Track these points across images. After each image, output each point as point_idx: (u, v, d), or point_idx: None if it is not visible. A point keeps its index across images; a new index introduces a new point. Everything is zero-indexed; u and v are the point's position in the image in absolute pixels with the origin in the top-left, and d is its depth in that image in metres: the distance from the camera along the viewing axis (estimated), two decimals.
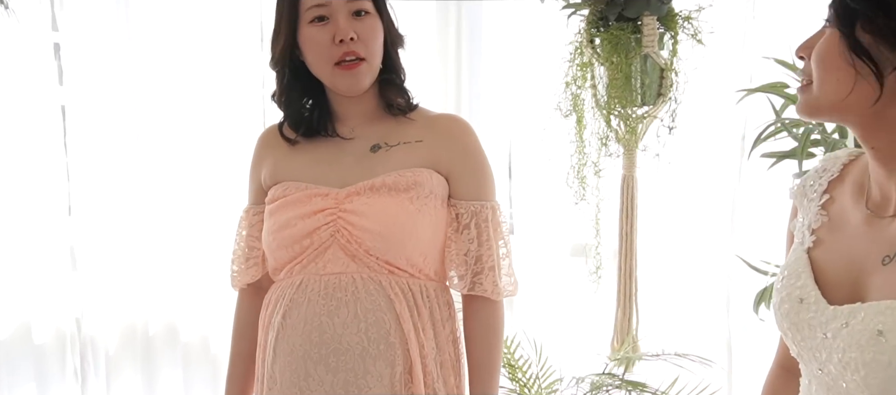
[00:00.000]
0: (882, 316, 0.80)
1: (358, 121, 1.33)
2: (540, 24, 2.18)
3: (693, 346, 2.05)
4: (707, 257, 2.23)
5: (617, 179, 2.01)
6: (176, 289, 2.44)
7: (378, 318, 1.24)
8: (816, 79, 0.83)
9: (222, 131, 2.38)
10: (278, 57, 1.30)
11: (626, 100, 1.90)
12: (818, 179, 0.96)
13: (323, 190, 1.28)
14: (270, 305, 1.33)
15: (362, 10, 1.26)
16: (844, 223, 0.91)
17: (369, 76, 1.28)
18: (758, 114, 2.00)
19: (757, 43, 2.11)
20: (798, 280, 0.91)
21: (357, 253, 1.25)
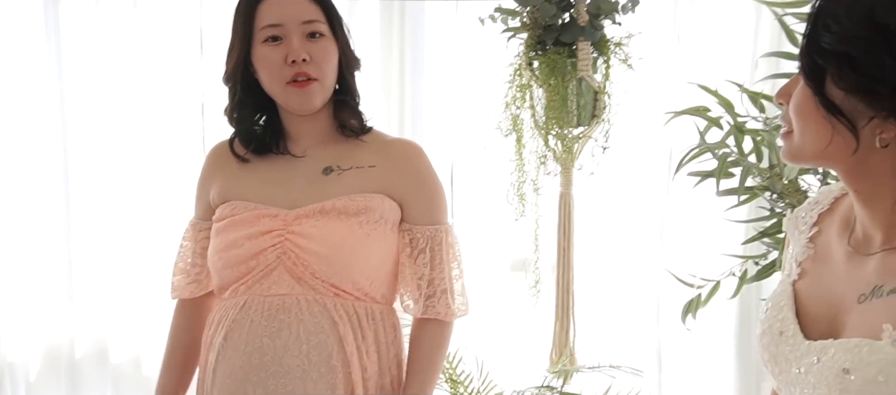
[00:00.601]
0: (849, 354, 0.79)
1: (310, 141, 1.32)
2: (481, 46, 2.26)
3: (626, 356, 2.14)
4: (638, 270, 2.34)
5: (555, 197, 2.09)
6: (105, 306, 2.37)
7: (320, 340, 1.23)
8: (796, 129, 0.83)
9: (155, 143, 2.35)
10: (231, 73, 1.30)
11: (563, 121, 1.98)
12: (810, 211, 0.96)
13: (271, 211, 1.27)
14: (213, 325, 1.32)
15: (317, 31, 1.26)
16: (828, 258, 0.91)
17: (321, 96, 1.28)
18: (683, 135, 2.13)
19: (682, 69, 2.25)
20: (780, 313, 0.91)
21: (303, 276, 1.25)
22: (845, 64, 0.77)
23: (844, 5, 0.78)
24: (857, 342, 0.79)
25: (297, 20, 1.25)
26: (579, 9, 1.92)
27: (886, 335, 0.77)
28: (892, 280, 0.80)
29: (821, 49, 0.79)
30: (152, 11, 2.31)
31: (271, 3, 1.26)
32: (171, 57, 2.33)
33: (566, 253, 2.09)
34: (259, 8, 1.26)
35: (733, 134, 1.79)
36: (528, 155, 2.08)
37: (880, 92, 0.76)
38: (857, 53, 0.76)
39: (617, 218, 2.31)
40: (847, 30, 0.77)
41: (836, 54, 0.78)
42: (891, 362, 0.76)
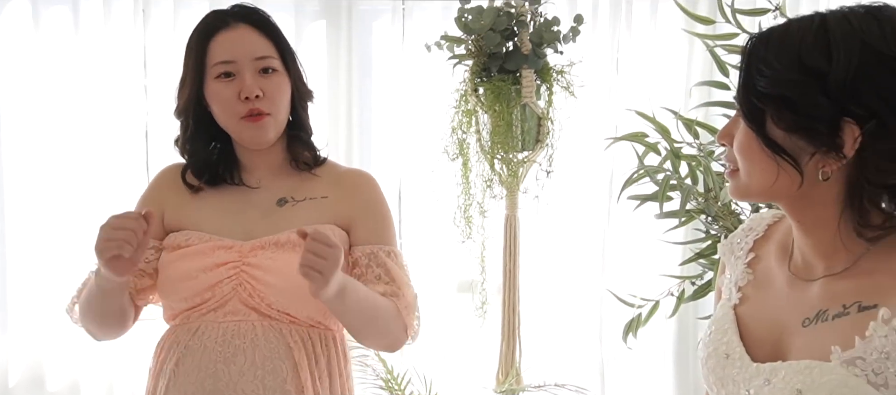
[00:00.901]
0: (801, 376, 0.82)
1: (264, 173, 1.33)
2: (427, 72, 2.30)
3: (570, 375, 2.19)
4: (581, 291, 2.40)
5: (500, 219, 2.14)
6: (40, 332, 2.29)
7: (275, 366, 1.23)
8: (742, 168, 0.86)
9: (97, 168, 2.30)
10: (183, 107, 1.30)
11: (508, 145, 2.03)
12: (744, 237, 0.99)
13: (226, 242, 1.27)
14: (163, 351, 1.30)
15: (270, 67, 1.26)
16: (769, 283, 0.93)
17: (274, 130, 1.28)
18: (623, 160, 2.21)
19: (621, 96, 2.34)
20: (724, 336, 0.93)
21: (258, 306, 1.25)
22: (783, 106, 0.80)
23: (773, 51, 0.81)
24: (807, 364, 0.82)
25: (250, 56, 1.25)
26: (523, 38, 1.98)
27: (835, 357, 0.81)
28: (835, 305, 0.83)
29: (758, 93, 0.82)
30: (94, 32, 2.27)
31: (223, 39, 1.26)
32: (114, 79, 2.28)
33: (512, 274, 2.14)
34: (211, 44, 1.26)
35: (670, 159, 1.88)
36: (474, 179, 2.12)
37: (819, 129, 0.79)
38: (793, 96, 0.79)
39: (561, 240, 2.37)
40: (780, 74, 0.80)
41: (773, 97, 0.81)
42: (841, 382, 0.79)
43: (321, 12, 2.35)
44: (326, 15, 2.35)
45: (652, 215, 2.01)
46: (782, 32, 0.83)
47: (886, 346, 0.78)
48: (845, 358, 0.80)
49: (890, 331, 0.79)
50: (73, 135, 2.29)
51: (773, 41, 0.82)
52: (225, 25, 1.27)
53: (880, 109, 0.78)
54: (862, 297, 0.82)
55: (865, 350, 0.79)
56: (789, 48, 0.80)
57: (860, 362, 0.79)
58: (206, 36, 1.27)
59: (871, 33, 0.79)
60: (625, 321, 2.09)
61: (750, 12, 1.93)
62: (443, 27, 2.09)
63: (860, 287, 0.83)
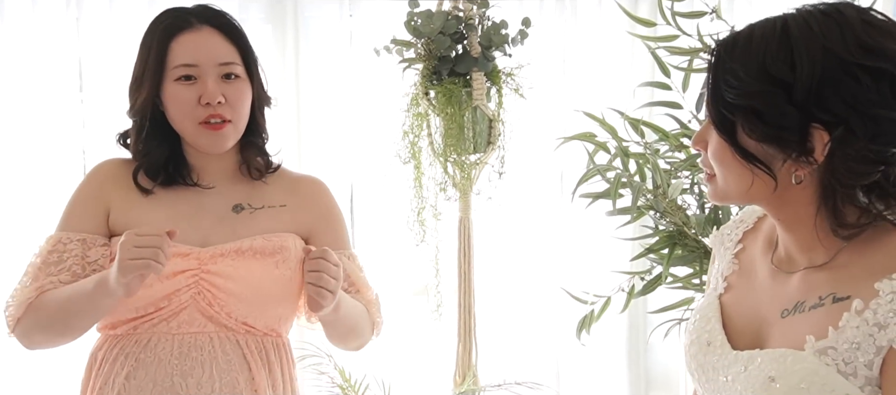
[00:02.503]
0: (775, 363, 0.85)
1: (216, 176, 1.30)
2: (377, 75, 2.29)
3: (527, 372, 2.22)
4: (535, 289, 2.44)
5: (454, 222, 2.15)
6: None
7: (232, 378, 1.22)
8: (718, 174, 0.88)
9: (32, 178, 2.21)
10: (139, 108, 1.25)
11: (460, 148, 2.05)
12: (735, 229, 1.01)
13: (183, 249, 1.23)
14: (105, 363, 1.24)
15: (233, 73, 1.23)
16: (753, 273, 0.96)
17: (233, 138, 1.26)
18: (572, 159, 2.26)
19: (568, 97, 2.39)
20: (708, 324, 0.95)
21: (217, 315, 1.23)
22: (753, 116, 0.81)
23: (739, 61, 0.82)
24: (782, 353, 0.85)
25: (214, 61, 1.22)
26: (472, 41, 2.00)
27: (809, 346, 0.83)
28: (812, 297, 0.86)
29: (727, 104, 0.83)
30: (29, 43, 2.18)
31: (186, 40, 1.22)
32: (51, 91, 2.21)
33: (466, 276, 2.15)
34: (172, 45, 1.22)
35: (619, 156, 1.92)
36: (427, 182, 2.13)
37: (789, 138, 0.81)
38: (761, 107, 0.81)
39: (514, 240, 2.41)
40: (747, 85, 0.81)
41: (743, 108, 0.82)
42: (812, 370, 0.82)
43: (267, 18, 2.32)
44: (272, 20, 2.32)
45: (602, 213, 2.05)
46: (746, 40, 0.83)
47: (857, 337, 0.81)
48: (818, 348, 0.82)
49: (862, 322, 0.81)
50: (8, 150, 2.19)
51: (737, 50, 0.83)
52: (188, 26, 1.22)
53: (847, 115, 0.79)
54: (837, 289, 0.84)
55: (837, 340, 0.82)
56: (754, 58, 0.81)
57: (832, 351, 0.82)
58: (168, 36, 1.22)
59: (832, 39, 0.79)
60: (578, 318, 2.13)
61: (689, 15, 2.00)
62: (390, 29, 2.09)
63: (836, 279, 0.85)
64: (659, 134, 2.03)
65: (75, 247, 1.24)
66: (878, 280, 0.81)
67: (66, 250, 1.24)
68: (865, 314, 0.81)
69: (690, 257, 1.95)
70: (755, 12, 2.24)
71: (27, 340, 1.26)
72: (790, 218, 0.88)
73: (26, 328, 1.24)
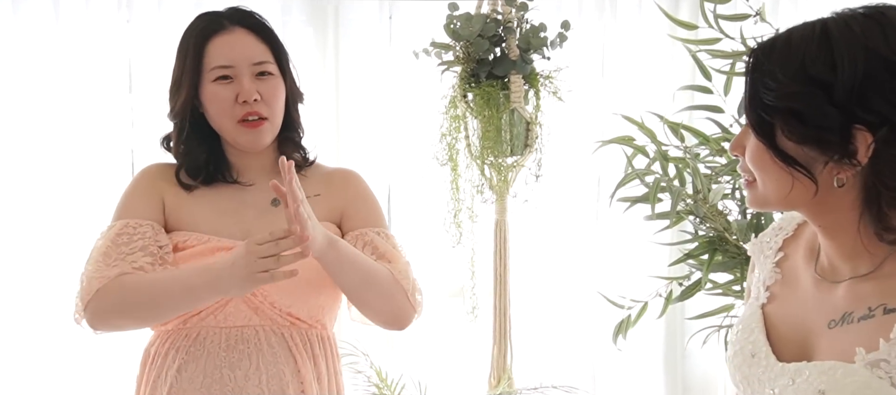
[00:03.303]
0: (825, 376, 0.83)
1: (256, 173, 1.34)
2: (416, 77, 2.31)
3: (562, 376, 2.21)
4: (571, 293, 2.42)
5: (490, 224, 2.16)
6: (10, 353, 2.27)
7: (278, 370, 1.25)
8: (759, 181, 0.87)
9: (81, 179, 2.28)
10: (179, 110, 1.30)
11: (497, 150, 2.05)
12: (774, 236, 0.99)
13: (226, 243, 1.27)
14: (158, 358, 1.29)
15: (266, 71, 1.28)
16: (796, 283, 0.94)
17: (271, 134, 1.30)
18: (610, 163, 2.24)
19: (607, 100, 2.37)
20: (751, 335, 0.94)
21: (261, 306, 1.26)
22: (792, 118, 0.80)
23: (778, 63, 0.81)
24: (832, 365, 0.83)
25: (248, 61, 1.27)
26: (510, 44, 2.01)
27: (859, 359, 0.82)
28: (861, 308, 0.84)
29: (765, 106, 0.82)
30: (81, 44, 2.26)
31: (221, 42, 1.27)
32: (100, 92, 2.27)
33: (502, 278, 2.15)
34: (208, 47, 1.27)
35: (659, 160, 1.91)
36: (463, 184, 2.14)
37: (830, 139, 0.80)
38: (800, 107, 0.79)
39: (550, 243, 2.40)
40: (786, 86, 0.80)
41: (781, 110, 0.81)
42: (864, 383, 0.81)
43: (308, 20, 2.36)
44: (313, 22, 2.36)
45: (640, 218, 2.03)
46: (784, 43, 0.82)
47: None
48: (869, 360, 0.81)
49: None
50: (57, 154, 2.27)
51: (776, 53, 0.83)
52: (221, 28, 1.28)
53: (891, 114, 0.78)
54: (887, 299, 0.83)
55: (889, 353, 0.80)
56: (793, 59, 0.80)
57: (884, 364, 0.80)
58: (203, 39, 1.27)
59: (874, 39, 0.78)
60: (614, 323, 2.12)
61: (732, 18, 1.97)
62: (430, 32, 2.11)
63: (885, 289, 0.84)
64: (699, 138, 2.01)
65: (146, 229, 1.27)
66: None
67: (136, 232, 1.26)
68: None
69: (731, 263, 1.92)
70: (800, 15, 2.20)
71: (101, 322, 1.24)
72: (832, 224, 0.87)
73: (101, 310, 1.23)
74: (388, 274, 1.28)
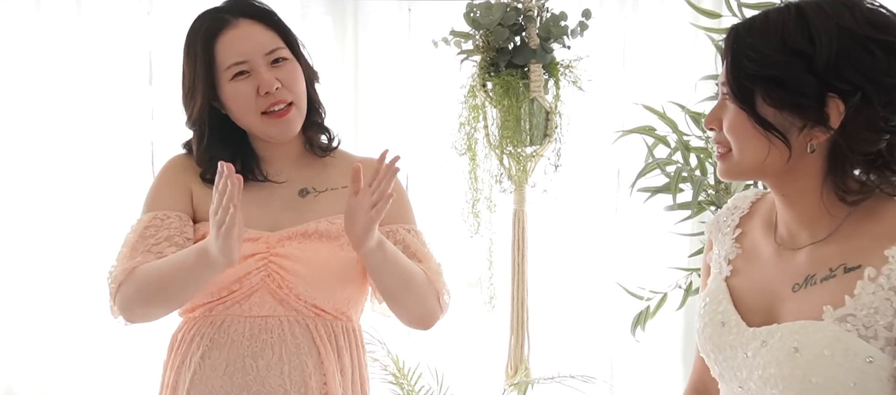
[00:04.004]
0: (797, 335, 0.90)
1: (284, 163, 1.32)
2: (434, 67, 2.31)
3: (579, 368, 2.21)
4: (590, 284, 2.41)
5: (508, 214, 2.15)
6: (46, 343, 2.31)
7: (301, 361, 1.24)
8: (735, 148, 0.93)
9: (102, 170, 2.31)
10: (197, 117, 1.27)
11: (516, 140, 2.04)
12: (730, 215, 1.06)
13: (252, 234, 1.25)
14: (183, 344, 1.29)
15: (280, 57, 1.25)
16: (757, 255, 1.01)
17: (299, 120, 1.27)
18: (630, 153, 2.23)
19: (628, 90, 2.35)
20: (719, 306, 1.00)
21: (286, 297, 1.25)
22: (773, 85, 0.88)
23: (758, 37, 0.89)
24: (802, 324, 0.90)
25: (261, 51, 1.24)
26: (531, 32, 2.00)
27: (827, 315, 0.88)
28: (823, 270, 0.91)
29: (747, 74, 0.89)
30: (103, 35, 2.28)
31: (229, 39, 1.23)
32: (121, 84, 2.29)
33: (520, 269, 2.15)
34: (217, 46, 1.23)
35: (680, 150, 1.89)
36: (482, 174, 2.13)
37: (808, 105, 0.87)
38: (782, 75, 0.87)
39: (569, 234, 2.39)
40: (768, 57, 0.88)
41: (763, 77, 0.88)
42: (835, 337, 0.87)
43: (328, 10, 2.36)
44: (332, 12, 2.36)
45: (659, 208, 2.02)
46: (763, 21, 0.90)
47: (875, 302, 0.87)
48: (837, 316, 0.88)
49: (877, 288, 0.87)
50: (76, 125, 2.29)
51: (755, 29, 0.90)
52: (226, 24, 1.24)
53: (862, 84, 0.86)
54: (846, 259, 0.90)
55: (855, 307, 0.87)
56: (773, 34, 0.88)
57: (851, 318, 0.87)
58: (210, 38, 1.24)
59: (844, 18, 0.87)
60: (633, 314, 2.11)
61: (756, 6, 1.94)
62: (448, 22, 2.10)
63: (844, 251, 0.91)
64: None
65: (173, 220, 1.27)
66: (885, 248, 0.87)
67: (163, 224, 1.27)
68: (879, 280, 0.87)
69: None
70: None
71: (128, 312, 1.26)
72: (797, 191, 0.93)
73: (126, 300, 1.24)
74: (423, 277, 1.28)
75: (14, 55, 2.27)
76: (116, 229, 1.45)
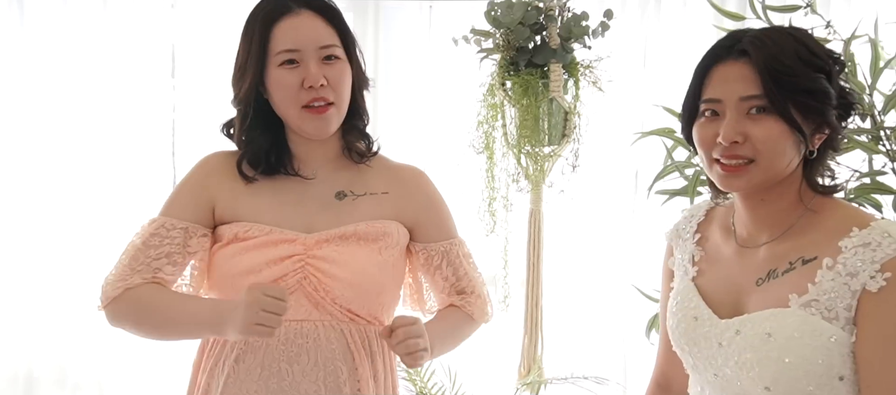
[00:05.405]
0: (768, 321, 1.00)
1: (319, 163, 1.30)
2: (454, 65, 2.31)
3: (593, 369, 2.20)
4: (605, 285, 2.40)
5: (525, 213, 2.15)
6: (66, 329, 2.34)
7: (335, 367, 1.23)
8: (766, 159, 1.00)
9: (123, 161, 2.34)
10: (244, 96, 1.25)
11: (535, 139, 2.04)
12: (688, 223, 1.18)
13: (289, 235, 1.24)
14: (217, 345, 1.27)
15: (333, 55, 1.23)
16: (719, 255, 1.11)
17: (337, 121, 1.25)
18: (649, 155, 2.21)
19: (648, 91, 2.34)
20: (690, 303, 1.09)
21: (322, 301, 1.23)
22: (808, 96, 0.99)
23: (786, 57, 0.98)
24: (772, 312, 1.01)
25: (315, 45, 1.21)
26: (551, 32, 1.99)
27: (793, 302, 0.99)
28: (783, 264, 1.03)
29: (786, 90, 0.98)
30: (127, 28, 2.31)
31: (287, 26, 1.21)
32: (143, 77, 2.32)
33: (535, 268, 2.15)
34: (274, 31, 1.21)
35: None
36: (499, 172, 2.13)
37: (830, 111, 1.00)
38: (815, 87, 0.99)
39: (585, 234, 2.38)
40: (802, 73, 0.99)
41: (802, 90, 0.99)
42: (801, 321, 0.98)
43: (348, 7, 2.37)
44: (354, 8, 2.37)
45: (677, 211, 2.00)
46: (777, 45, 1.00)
47: (834, 287, 0.98)
48: (802, 302, 0.99)
49: (835, 275, 0.98)
50: (99, 116, 2.32)
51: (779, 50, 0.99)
52: (288, 11, 1.21)
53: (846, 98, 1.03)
54: (803, 253, 1.01)
55: (817, 293, 0.99)
56: (796, 55, 0.99)
57: (814, 303, 0.98)
58: (270, 22, 1.22)
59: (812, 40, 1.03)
60: (648, 316, 2.09)
61: (780, 9, 1.92)
62: (469, 21, 2.10)
63: (799, 246, 1.02)
64: None
65: (178, 235, 1.26)
66: (838, 240, 0.99)
67: (168, 235, 1.26)
68: (837, 268, 0.98)
69: None
70: (853, 7, 2.13)
71: (116, 323, 1.28)
72: (777, 193, 1.03)
73: (118, 313, 1.26)
74: (466, 321, 1.37)
75: (40, 48, 2.31)
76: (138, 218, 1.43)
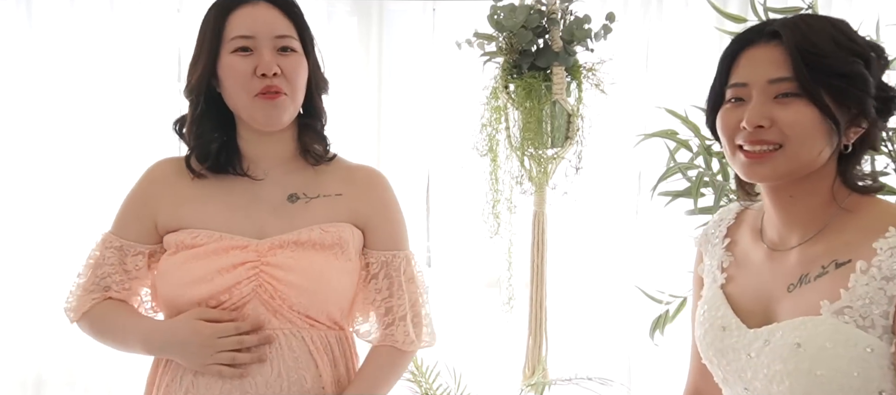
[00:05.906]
0: (798, 331, 0.92)
1: (270, 164, 1.25)
2: (457, 68, 2.32)
3: (597, 370, 2.21)
4: (609, 287, 2.41)
5: (528, 215, 2.16)
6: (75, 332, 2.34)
7: (299, 375, 1.20)
8: (795, 145, 0.93)
9: (130, 165, 2.34)
10: (195, 85, 1.21)
11: (538, 142, 2.05)
12: (718, 227, 1.11)
13: (240, 241, 1.20)
14: (172, 361, 1.23)
15: (289, 47, 1.19)
16: (749, 261, 1.04)
17: (290, 111, 1.20)
18: (652, 157, 2.22)
19: (650, 93, 2.35)
20: (718, 312, 1.03)
21: (280, 308, 1.19)
22: (844, 81, 0.93)
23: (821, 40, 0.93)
24: (801, 320, 0.93)
25: (270, 34, 1.18)
26: (554, 35, 2.00)
27: (825, 310, 0.92)
28: (815, 268, 0.95)
29: (819, 73, 0.92)
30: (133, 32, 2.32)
31: (243, 13, 1.18)
32: (149, 80, 2.33)
33: (539, 270, 2.15)
34: (230, 18, 1.18)
35: (702, 155, 1.88)
36: (503, 175, 2.14)
37: (868, 101, 0.93)
38: (852, 73, 0.92)
39: (589, 236, 2.39)
40: (841, 58, 0.93)
41: (837, 74, 0.92)
42: (834, 330, 0.91)
43: (353, 10, 2.39)
44: (358, 13, 2.39)
45: (680, 212, 2.01)
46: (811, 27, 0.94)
47: (869, 292, 0.90)
48: (834, 309, 0.91)
49: (869, 279, 0.90)
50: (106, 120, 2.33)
51: (813, 32, 0.94)
52: (245, 1, 1.19)
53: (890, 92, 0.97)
54: (836, 255, 0.94)
55: (851, 299, 0.91)
56: (832, 38, 0.93)
57: (848, 310, 0.91)
58: (226, 10, 1.19)
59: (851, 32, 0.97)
60: (652, 318, 2.10)
61: (782, 10, 1.93)
62: (472, 24, 2.11)
63: (832, 248, 0.95)
64: None
65: (112, 256, 1.26)
66: (873, 241, 0.91)
67: (105, 260, 1.27)
68: (871, 272, 0.90)
69: None
70: (853, 8, 2.14)
71: (90, 336, 1.31)
72: (807, 189, 0.97)
73: (86, 332, 1.30)
74: (390, 365, 1.28)
75: (48, 53, 2.33)
76: None
